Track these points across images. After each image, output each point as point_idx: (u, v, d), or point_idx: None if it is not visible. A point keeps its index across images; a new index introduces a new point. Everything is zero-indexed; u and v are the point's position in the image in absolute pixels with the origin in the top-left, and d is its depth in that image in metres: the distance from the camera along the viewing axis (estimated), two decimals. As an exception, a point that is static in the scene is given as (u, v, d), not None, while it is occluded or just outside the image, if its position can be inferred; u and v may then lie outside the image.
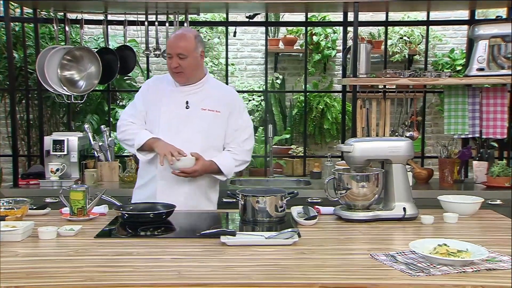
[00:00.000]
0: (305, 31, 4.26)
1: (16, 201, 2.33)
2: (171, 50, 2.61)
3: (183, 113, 2.66)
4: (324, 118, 5.45)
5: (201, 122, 2.65)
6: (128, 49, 3.93)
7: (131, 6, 3.66)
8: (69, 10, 3.76)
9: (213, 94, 2.71)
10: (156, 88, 2.73)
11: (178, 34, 2.65)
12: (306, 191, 3.41)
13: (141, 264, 1.70)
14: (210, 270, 1.66)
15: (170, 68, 2.63)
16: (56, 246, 1.91)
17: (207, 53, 5.74)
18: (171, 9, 3.71)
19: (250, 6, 3.88)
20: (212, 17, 5.33)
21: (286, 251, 1.86)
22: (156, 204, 2.44)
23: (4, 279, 1.54)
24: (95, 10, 3.83)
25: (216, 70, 5.70)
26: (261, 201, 2.28)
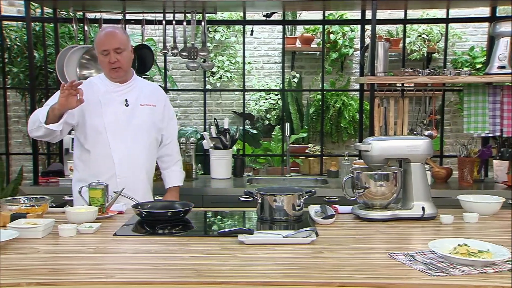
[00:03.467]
0: (323, 30, 4.24)
1: (37, 198, 2.36)
2: (107, 46, 2.64)
3: (125, 111, 2.75)
4: (341, 117, 5.43)
5: (143, 117, 2.78)
6: (146, 48, 3.95)
7: (149, 5, 3.69)
8: (88, 9, 3.79)
9: (144, 90, 2.84)
10: (90, 92, 2.67)
11: (108, 31, 2.69)
12: (323, 190, 3.41)
13: (159, 262, 1.71)
14: (228, 268, 1.66)
15: (107, 64, 2.67)
16: (76, 243, 1.94)
17: (224, 51, 5.76)
18: (188, 8, 3.73)
19: (267, 5, 3.87)
20: (229, 15, 5.35)
21: (303, 250, 1.86)
22: (173, 203, 2.46)
23: (26, 275, 1.56)
24: (113, 9, 3.86)
25: (233, 69, 5.72)
26: (279, 199, 2.28)
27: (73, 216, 2.18)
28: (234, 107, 5.91)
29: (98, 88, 2.75)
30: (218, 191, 3.47)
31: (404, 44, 4.27)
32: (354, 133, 5.47)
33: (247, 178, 3.81)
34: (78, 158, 2.79)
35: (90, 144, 2.72)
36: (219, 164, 3.73)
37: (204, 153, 3.97)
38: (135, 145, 2.74)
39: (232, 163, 3.82)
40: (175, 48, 3.89)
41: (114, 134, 2.71)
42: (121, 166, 2.70)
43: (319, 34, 5.46)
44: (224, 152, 3.72)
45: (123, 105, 2.74)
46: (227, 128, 3.80)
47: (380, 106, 3.58)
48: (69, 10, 3.77)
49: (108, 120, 2.70)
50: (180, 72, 5.82)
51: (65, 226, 2.04)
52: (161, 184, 3.03)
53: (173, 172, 2.98)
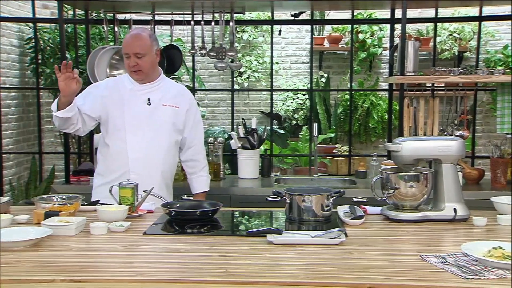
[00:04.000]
0: (351, 29, 4.21)
1: (69, 197, 2.40)
2: (128, 50, 2.68)
3: (146, 110, 2.76)
4: (369, 117, 5.38)
5: (164, 117, 2.78)
6: (174, 48, 3.98)
7: (178, 6, 3.71)
8: (118, 11, 3.85)
9: (170, 91, 2.85)
10: (116, 89, 2.79)
11: (133, 34, 2.73)
12: (352, 190, 3.38)
13: (189, 261, 1.72)
14: (257, 268, 1.66)
15: (129, 67, 2.72)
16: (107, 242, 1.96)
17: (251, 51, 5.77)
18: (217, 9, 3.74)
19: (295, 5, 3.87)
20: (257, 16, 5.35)
21: (333, 250, 1.84)
22: (202, 202, 2.47)
23: (60, 271, 1.59)
24: (143, 10, 3.90)
25: (261, 69, 5.72)
26: (307, 200, 2.27)
27: (104, 215, 2.21)
28: (261, 107, 5.91)
29: (124, 85, 2.80)
30: (245, 191, 3.48)
31: (434, 43, 4.20)
32: (382, 133, 5.41)
33: (275, 178, 3.81)
34: (99, 152, 2.86)
35: (110, 139, 2.77)
36: (247, 164, 3.73)
37: (232, 153, 3.98)
38: (153, 145, 2.75)
39: (259, 163, 3.82)
40: (203, 48, 3.91)
41: (133, 132, 2.73)
42: (135, 164, 2.71)
43: (347, 34, 5.42)
44: (252, 152, 3.72)
45: (146, 103, 2.76)
46: (255, 128, 3.80)
47: (409, 106, 3.54)
48: (100, 12, 3.83)
49: (129, 117, 2.74)
50: (208, 72, 5.85)
51: (96, 225, 2.06)
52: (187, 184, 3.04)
53: (199, 178, 2.98)
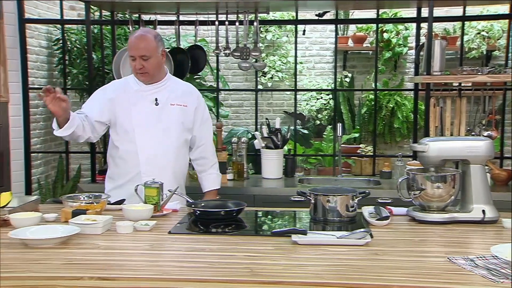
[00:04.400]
0: (376, 28, 4.18)
1: (96, 196, 2.43)
2: (134, 53, 2.66)
3: (154, 110, 2.75)
4: (394, 117, 5.33)
5: (172, 116, 2.77)
6: (198, 48, 4.01)
7: (202, 6, 3.73)
8: (143, 11, 3.89)
9: (177, 90, 2.83)
10: (123, 90, 2.78)
11: (138, 35, 2.69)
12: (376, 191, 3.35)
13: (214, 260, 1.73)
14: (282, 268, 1.66)
15: (134, 69, 2.70)
16: (133, 240, 1.98)
17: (275, 51, 5.77)
18: (241, 9, 3.75)
19: (319, 4, 3.85)
20: (281, 15, 5.35)
21: (358, 251, 1.83)
22: (226, 202, 2.48)
23: (87, 269, 1.62)
24: (167, 11, 3.93)
25: (285, 68, 5.71)
26: (332, 200, 2.26)
27: (130, 214, 2.23)
28: (285, 107, 5.90)
29: (131, 86, 2.79)
30: (269, 191, 3.48)
31: (462, 42, 4.14)
32: (407, 133, 5.35)
33: (298, 178, 3.80)
34: (109, 154, 2.85)
35: (119, 141, 2.76)
36: (270, 164, 3.73)
37: (255, 153, 3.98)
38: (163, 145, 2.74)
39: (283, 163, 3.81)
40: (228, 48, 3.92)
41: (142, 133, 2.72)
42: (146, 165, 2.71)
43: (372, 33, 5.38)
44: (276, 152, 3.72)
45: (153, 104, 2.75)
46: (279, 128, 3.79)
47: (436, 106, 3.49)
48: (126, 13, 3.87)
49: (137, 118, 2.73)
50: (232, 72, 5.86)
51: (122, 223, 2.09)
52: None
53: (209, 176, 2.97)
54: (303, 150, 4.89)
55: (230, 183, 3.61)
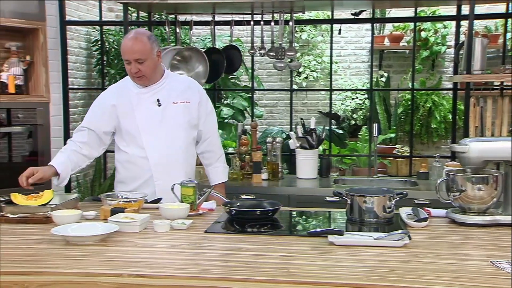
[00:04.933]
0: (414, 27, 4.10)
1: (133, 194, 2.47)
2: (127, 56, 2.55)
3: (158, 111, 2.67)
4: (431, 117, 5.24)
5: (177, 115, 2.69)
6: (234, 48, 4.02)
7: (238, 6, 3.74)
8: (179, 12, 3.92)
9: (178, 87, 2.74)
10: (122, 95, 2.69)
11: (131, 38, 2.55)
12: (413, 192, 3.28)
13: (250, 260, 1.73)
14: (318, 268, 1.65)
15: (130, 73, 2.60)
16: (170, 239, 2.00)
17: (310, 51, 5.74)
18: (276, 8, 3.75)
19: (356, 3, 3.81)
20: (316, 15, 5.32)
21: (396, 253, 1.80)
22: (262, 202, 2.47)
23: (126, 266, 1.64)
24: (203, 11, 3.96)
25: (319, 68, 5.68)
26: (369, 201, 2.23)
27: (167, 212, 2.25)
28: (319, 107, 5.87)
29: (129, 89, 2.69)
30: (304, 191, 3.46)
31: (504, 39, 4.02)
32: (445, 134, 5.25)
33: (333, 179, 3.77)
34: (117, 160, 2.77)
35: (127, 146, 2.70)
36: (305, 164, 3.71)
37: (290, 153, 3.98)
38: (171, 146, 2.68)
39: (318, 163, 3.79)
40: (263, 48, 3.92)
41: (148, 136, 2.66)
42: (157, 169, 2.66)
43: (409, 32, 5.29)
44: (310, 152, 3.70)
45: (156, 105, 2.67)
46: (314, 128, 3.77)
47: (476, 106, 3.41)
48: (162, 13, 3.92)
49: (141, 122, 2.65)
50: (266, 72, 5.87)
51: (159, 222, 2.10)
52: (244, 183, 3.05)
53: (216, 169, 2.92)
54: (338, 150, 4.86)
55: (265, 183, 3.61)
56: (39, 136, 3.85)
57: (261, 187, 3.53)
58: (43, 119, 3.88)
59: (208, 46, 4.56)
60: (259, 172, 3.60)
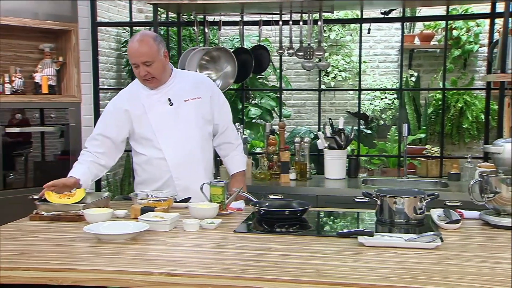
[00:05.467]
0: (446, 25, 4.03)
1: (163, 193, 2.49)
2: (135, 60, 2.53)
3: (170, 111, 2.65)
4: (463, 117, 5.15)
5: (189, 113, 2.66)
6: (262, 48, 4.03)
7: (266, 6, 3.75)
8: (208, 12, 3.95)
9: (188, 84, 2.70)
10: (133, 98, 2.67)
11: (137, 40, 2.53)
12: (444, 193, 3.23)
13: (280, 260, 1.73)
14: (349, 270, 1.64)
15: (140, 76, 2.59)
16: (199, 238, 2.01)
17: (338, 50, 5.70)
18: (305, 8, 3.73)
19: (385, 3, 3.77)
20: (344, 14, 5.28)
21: (428, 255, 1.77)
22: (291, 202, 2.47)
23: (157, 265, 1.66)
24: (232, 11, 3.97)
25: (348, 68, 5.64)
26: (399, 202, 2.21)
27: (196, 212, 2.27)
28: (347, 107, 5.83)
29: (140, 92, 2.67)
30: (332, 191, 3.44)
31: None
32: (477, 134, 5.15)
33: (362, 179, 3.74)
34: (135, 163, 2.77)
35: (143, 149, 2.68)
36: (334, 164, 3.69)
37: (318, 153, 3.96)
38: (187, 144, 2.66)
39: (346, 163, 3.76)
40: (291, 48, 3.91)
41: (164, 137, 2.64)
42: (176, 169, 2.65)
43: (440, 31, 5.21)
44: (339, 152, 3.68)
45: (167, 105, 2.65)
46: (342, 128, 3.75)
47: (510, 106, 3.33)
48: (191, 14, 3.95)
49: (156, 124, 2.64)
50: (294, 72, 5.86)
51: (189, 221, 2.12)
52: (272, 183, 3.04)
53: (234, 158, 2.87)
54: (366, 150, 4.81)
55: (293, 183, 3.60)
56: (71, 135, 3.93)
57: (289, 187, 3.52)
58: (75, 119, 3.95)
59: (237, 46, 4.57)
60: (287, 172, 3.59)
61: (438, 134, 5.02)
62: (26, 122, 3.73)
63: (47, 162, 3.90)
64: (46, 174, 3.87)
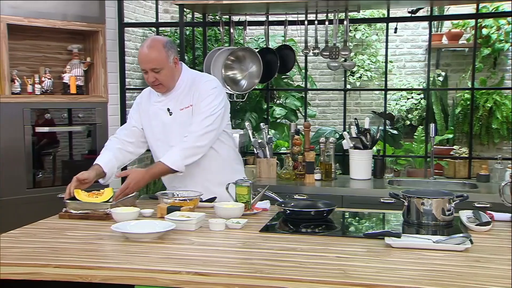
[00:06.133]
0: (475, 24, 3.97)
1: (188, 193, 2.51)
2: (144, 66, 2.53)
3: (169, 121, 2.63)
4: (492, 117, 5.06)
5: (185, 122, 2.60)
6: (287, 48, 4.03)
7: (292, 6, 3.74)
8: (234, 13, 3.96)
9: (186, 90, 2.63)
10: (147, 101, 2.72)
11: (146, 46, 2.51)
12: (473, 194, 3.18)
13: (306, 261, 1.73)
14: (375, 271, 1.63)
15: (148, 82, 2.58)
16: (225, 238, 2.03)
17: (364, 50, 5.67)
18: (331, 8, 3.72)
19: (413, 2, 3.73)
20: (370, 13, 5.25)
21: (457, 257, 1.75)
22: (316, 202, 2.47)
23: (184, 264, 1.68)
24: (257, 11, 3.98)
25: (374, 68, 5.61)
26: (427, 203, 2.18)
27: (222, 211, 2.28)
28: (373, 107, 5.78)
29: (149, 97, 2.72)
30: (357, 192, 3.42)
31: None
32: (507, 134, 5.06)
33: (388, 180, 3.71)
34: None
35: (154, 153, 2.74)
36: (359, 164, 3.67)
37: (343, 153, 3.94)
38: None
39: (372, 163, 3.74)
40: (317, 47, 3.90)
41: (166, 146, 2.62)
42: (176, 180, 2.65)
43: (469, 29, 5.13)
44: (364, 153, 3.66)
45: (168, 115, 2.64)
46: (368, 128, 3.72)
47: (541, 106, 3.27)
48: (217, 14, 3.97)
49: (158, 132, 2.66)
50: (319, 71, 5.84)
51: (215, 221, 2.13)
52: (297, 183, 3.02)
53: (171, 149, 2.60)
54: (392, 151, 4.77)
55: (318, 184, 3.59)
56: (98, 135, 3.99)
57: (314, 187, 3.52)
58: (102, 119, 4.01)
59: (262, 46, 4.58)
60: (312, 172, 3.58)
61: (466, 135, 4.94)
62: (54, 122, 3.80)
63: (74, 161, 3.97)
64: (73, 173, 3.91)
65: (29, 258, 1.76)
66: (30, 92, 3.71)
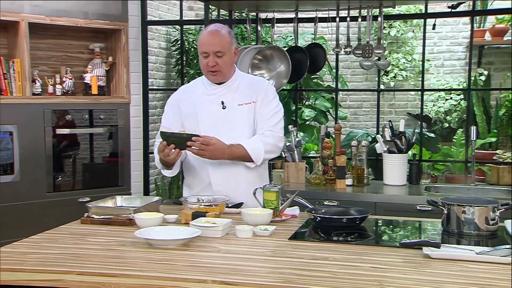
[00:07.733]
0: (520, 19, 3.90)
1: (214, 198, 2.52)
2: (207, 48, 2.55)
3: (221, 115, 2.64)
4: (538, 120, 4.95)
5: (241, 118, 2.64)
6: (317, 46, 4.02)
7: (322, 2, 3.73)
8: (261, 10, 3.97)
9: (245, 87, 2.68)
10: (190, 93, 2.73)
11: (212, 30, 2.59)
12: (518, 203, 3.12)
13: (339, 271, 1.71)
14: (414, 283, 1.60)
15: (206, 67, 2.59)
16: (253, 245, 2.02)
17: (399, 48, 5.61)
18: (364, 3, 3.70)
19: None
20: (406, 9, 5.20)
21: (502, 270, 1.71)
22: (349, 209, 2.45)
23: (210, 272, 1.68)
24: (286, 8, 3.99)
25: (409, 67, 5.55)
26: (469, 211, 2.15)
27: (249, 218, 2.28)
28: (408, 108, 5.73)
29: (194, 90, 2.73)
30: (391, 199, 3.39)
31: None
32: (556, 138, 4.94)
33: (425, 186, 3.66)
34: (183, 164, 2.79)
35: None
36: (393, 169, 3.64)
37: (377, 157, 3.91)
38: None
39: (407, 168, 3.70)
40: (348, 46, 3.88)
41: None
42: (216, 175, 2.64)
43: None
44: (399, 157, 3.62)
45: (220, 107, 2.65)
46: (403, 131, 3.69)
47: None
48: (243, 11, 3.98)
49: (204, 124, 2.63)
50: (351, 71, 5.81)
51: (242, 228, 2.13)
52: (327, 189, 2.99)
53: (252, 137, 2.64)
54: (429, 155, 4.71)
55: (349, 189, 3.57)
56: (120, 137, 4.04)
57: (345, 193, 3.49)
58: (124, 120, 4.07)
59: (290, 44, 4.58)
60: (343, 177, 3.56)
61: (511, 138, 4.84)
62: (75, 123, 3.86)
63: (95, 164, 4.03)
64: (94, 176, 4.00)
65: (51, 264, 1.78)
66: (51, 93, 3.78)
